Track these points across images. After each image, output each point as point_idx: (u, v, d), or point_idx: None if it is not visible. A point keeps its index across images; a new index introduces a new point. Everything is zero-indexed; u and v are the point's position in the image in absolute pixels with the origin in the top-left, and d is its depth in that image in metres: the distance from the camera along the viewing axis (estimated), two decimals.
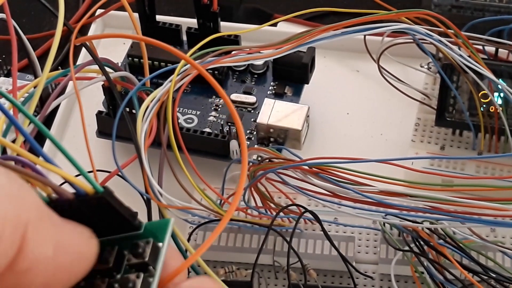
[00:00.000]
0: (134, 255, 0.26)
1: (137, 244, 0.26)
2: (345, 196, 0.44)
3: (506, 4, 0.61)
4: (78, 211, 0.25)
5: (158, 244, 0.26)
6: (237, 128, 0.28)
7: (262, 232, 0.48)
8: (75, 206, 0.25)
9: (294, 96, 0.57)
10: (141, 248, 0.26)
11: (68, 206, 0.25)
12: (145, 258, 0.26)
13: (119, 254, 0.26)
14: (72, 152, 0.62)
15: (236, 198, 0.26)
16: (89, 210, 0.25)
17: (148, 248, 0.26)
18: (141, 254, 0.26)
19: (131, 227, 0.27)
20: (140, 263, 0.26)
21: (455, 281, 0.44)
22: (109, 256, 0.26)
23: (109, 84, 0.47)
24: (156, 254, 0.26)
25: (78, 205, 0.25)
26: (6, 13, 0.39)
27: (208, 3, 0.55)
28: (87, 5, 0.68)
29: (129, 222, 0.26)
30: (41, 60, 0.59)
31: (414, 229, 0.45)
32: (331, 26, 0.50)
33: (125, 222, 0.26)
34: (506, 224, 0.44)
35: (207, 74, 0.28)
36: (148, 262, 0.26)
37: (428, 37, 0.50)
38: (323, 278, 0.48)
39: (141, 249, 0.26)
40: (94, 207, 0.25)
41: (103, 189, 0.25)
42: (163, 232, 0.26)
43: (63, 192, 0.25)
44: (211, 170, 0.52)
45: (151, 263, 0.26)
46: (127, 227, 0.26)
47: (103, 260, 0.26)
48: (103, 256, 0.26)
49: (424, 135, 0.55)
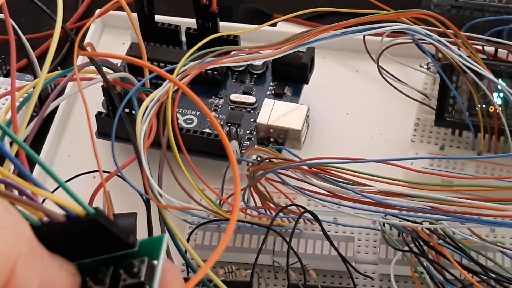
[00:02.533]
0: (129, 275, 0.26)
1: (132, 264, 0.26)
2: (344, 196, 0.44)
3: (506, 4, 0.61)
4: (71, 232, 0.25)
5: (153, 262, 0.26)
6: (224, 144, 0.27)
7: (262, 232, 0.48)
8: (67, 228, 0.25)
9: (293, 96, 0.57)
10: (136, 267, 0.26)
11: (60, 229, 0.25)
12: (140, 277, 0.26)
13: (114, 274, 0.26)
14: (72, 153, 0.63)
15: (234, 213, 0.26)
16: (82, 231, 0.25)
17: (143, 267, 0.26)
18: (136, 274, 0.26)
19: (124, 246, 0.26)
20: (136, 283, 0.26)
21: (454, 281, 0.44)
22: (104, 277, 0.26)
23: (107, 86, 0.47)
24: (152, 273, 0.26)
25: (70, 227, 0.25)
26: (5, 13, 0.38)
27: (207, 3, 0.55)
28: (86, 5, 0.68)
29: (123, 240, 0.26)
30: (41, 60, 0.59)
31: (414, 229, 0.45)
32: (330, 26, 0.50)
33: (118, 240, 0.26)
34: (505, 224, 0.44)
35: (187, 89, 0.28)
36: (144, 282, 0.26)
37: (428, 37, 0.50)
38: (322, 278, 0.48)
39: (136, 269, 0.26)
40: (87, 228, 0.25)
41: (94, 210, 0.25)
42: (158, 248, 0.26)
43: (54, 215, 0.25)
44: (211, 170, 0.52)
45: (147, 283, 0.26)
46: (121, 246, 0.26)
47: (99, 281, 0.26)
48: (99, 277, 0.26)
49: (423, 135, 0.55)
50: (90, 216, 0.25)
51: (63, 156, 0.57)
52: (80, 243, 0.26)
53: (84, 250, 0.26)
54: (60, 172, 0.55)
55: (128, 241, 0.26)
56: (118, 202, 0.47)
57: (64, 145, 0.58)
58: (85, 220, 0.25)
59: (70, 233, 0.25)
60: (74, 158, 0.57)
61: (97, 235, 0.26)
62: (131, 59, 0.38)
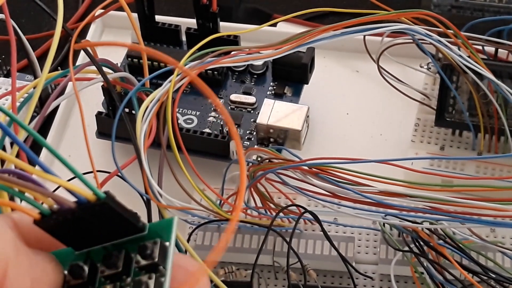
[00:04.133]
0: (143, 256, 0.26)
1: (145, 246, 0.26)
2: (344, 197, 0.44)
3: (506, 5, 0.61)
4: (81, 219, 0.25)
5: (165, 243, 0.26)
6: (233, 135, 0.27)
7: (262, 233, 0.48)
8: (78, 214, 0.25)
9: (293, 96, 0.57)
10: (149, 249, 0.26)
11: (70, 215, 0.25)
12: (154, 258, 0.26)
13: (127, 257, 0.26)
14: (72, 153, 0.63)
15: (236, 214, 0.26)
16: (92, 216, 0.25)
17: (156, 248, 0.26)
18: (150, 255, 0.26)
19: (135, 230, 0.26)
20: (150, 264, 0.26)
21: (454, 281, 0.44)
22: (117, 261, 0.26)
23: (108, 86, 0.47)
24: (164, 254, 0.26)
25: (80, 213, 0.25)
26: (5, 14, 0.39)
27: (208, 3, 0.55)
28: (87, 5, 0.68)
29: (133, 224, 0.26)
30: (41, 60, 0.59)
31: (414, 230, 0.45)
32: (330, 27, 0.50)
33: (129, 225, 0.26)
34: (505, 224, 0.44)
35: (199, 79, 0.28)
36: (158, 262, 0.26)
37: (428, 38, 0.50)
38: (323, 279, 0.48)
39: (150, 250, 0.26)
40: (97, 213, 0.25)
41: (105, 194, 0.25)
42: (168, 231, 0.26)
43: (64, 202, 0.25)
44: (211, 170, 0.52)
45: (161, 263, 0.26)
46: (131, 230, 0.26)
47: (111, 265, 0.26)
48: (111, 261, 0.26)
49: (424, 135, 0.55)
50: (101, 200, 0.25)
51: (63, 156, 0.57)
52: (90, 229, 0.26)
53: (93, 236, 0.26)
54: (60, 172, 0.55)
55: (139, 225, 0.26)
56: None
57: (65, 145, 0.58)
58: (96, 205, 0.25)
59: (80, 219, 0.25)
60: (75, 158, 0.57)
61: (108, 220, 0.26)
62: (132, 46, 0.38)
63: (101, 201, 0.25)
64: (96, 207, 0.25)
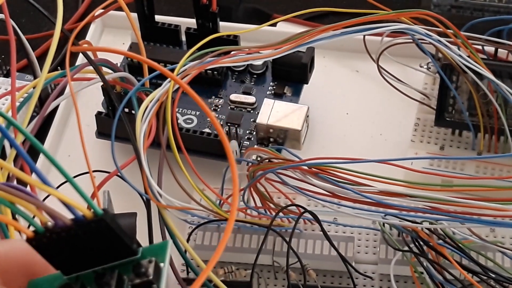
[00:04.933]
0: (137, 274, 0.25)
1: (140, 264, 0.26)
2: (344, 196, 0.44)
3: (506, 4, 0.61)
4: (76, 237, 0.25)
5: (159, 264, 0.26)
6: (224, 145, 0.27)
7: (262, 232, 0.48)
8: (73, 232, 0.25)
9: (293, 96, 0.57)
10: (144, 267, 0.25)
11: (65, 233, 0.24)
12: (149, 276, 0.25)
13: (119, 278, 0.26)
14: (72, 153, 0.62)
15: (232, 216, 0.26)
16: (87, 235, 0.25)
17: (151, 267, 0.25)
18: (144, 273, 0.25)
19: (128, 252, 0.26)
20: (145, 282, 0.25)
21: (454, 281, 0.44)
22: (110, 279, 0.25)
23: (106, 86, 0.47)
24: (159, 273, 0.26)
25: (76, 231, 0.25)
26: (5, 14, 0.39)
27: (207, 3, 0.55)
28: (86, 5, 0.68)
29: (128, 246, 0.26)
30: (41, 60, 0.59)
31: (414, 229, 0.45)
32: (330, 26, 0.50)
33: (123, 246, 0.26)
34: (505, 224, 0.44)
35: (189, 88, 0.28)
36: (152, 280, 0.25)
37: (428, 37, 0.50)
38: (322, 278, 0.48)
39: (144, 268, 0.25)
40: (93, 231, 0.25)
41: (103, 211, 0.25)
42: (163, 253, 0.26)
43: (60, 217, 0.24)
44: (211, 170, 0.52)
45: (155, 282, 0.25)
46: (124, 253, 0.26)
47: (104, 284, 0.25)
48: (104, 280, 0.25)
49: (423, 135, 0.55)
50: (98, 217, 0.24)
51: (63, 156, 0.57)
52: (83, 249, 0.25)
53: (85, 258, 0.26)
54: (59, 177, 0.55)
55: (132, 247, 0.26)
56: (118, 202, 0.47)
57: (64, 145, 0.58)
58: (92, 221, 0.24)
59: (75, 237, 0.25)
60: (74, 158, 0.57)
61: (102, 240, 0.25)
62: (130, 54, 0.38)
63: (98, 218, 0.24)
64: (92, 223, 0.24)
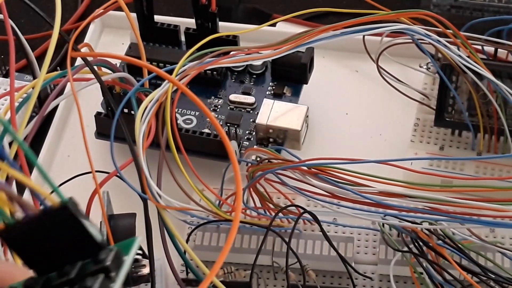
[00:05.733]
0: (95, 262, 0.25)
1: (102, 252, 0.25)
2: (344, 197, 0.44)
3: (505, 4, 0.61)
4: (43, 228, 0.25)
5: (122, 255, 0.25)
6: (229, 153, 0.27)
7: (261, 233, 0.48)
8: (41, 222, 0.24)
9: (293, 96, 0.57)
10: (103, 254, 0.25)
11: (34, 224, 0.24)
12: (106, 262, 0.25)
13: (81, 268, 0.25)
14: (71, 153, 0.62)
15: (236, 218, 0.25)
16: (53, 224, 0.25)
17: (110, 255, 0.25)
18: (103, 260, 0.25)
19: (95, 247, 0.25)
20: (101, 269, 0.25)
21: (454, 282, 0.44)
22: (71, 269, 0.25)
23: (102, 88, 0.47)
24: (119, 264, 0.25)
25: (43, 220, 0.24)
26: (4, 14, 0.38)
27: (207, 4, 0.55)
28: (86, 5, 0.68)
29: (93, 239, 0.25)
30: (40, 60, 0.59)
31: (413, 230, 0.45)
32: (330, 27, 0.50)
33: (89, 240, 0.25)
34: (505, 224, 0.44)
35: (188, 90, 0.28)
36: (109, 267, 0.25)
37: (427, 38, 0.50)
38: (322, 279, 0.48)
39: (104, 256, 0.25)
40: (59, 220, 0.25)
41: (68, 199, 0.25)
42: (129, 247, 0.26)
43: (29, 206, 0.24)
44: (210, 170, 0.52)
45: (113, 270, 0.25)
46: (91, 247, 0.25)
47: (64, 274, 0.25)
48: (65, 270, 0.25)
49: (423, 135, 0.55)
50: (63, 204, 0.24)
51: (62, 156, 0.57)
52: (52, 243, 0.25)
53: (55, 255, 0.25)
54: (59, 172, 0.55)
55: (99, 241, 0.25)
56: (117, 202, 0.47)
57: (64, 145, 0.58)
58: (57, 209, 0.24)
59: (42, 228, 0.25)
60: (74, 158, 0.57)
61: (69, 230, 0.25)
62: (127, 59, 0.38)
63: (62, 206, 0.24)
64: (58, 211, 0.24)
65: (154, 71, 0.31)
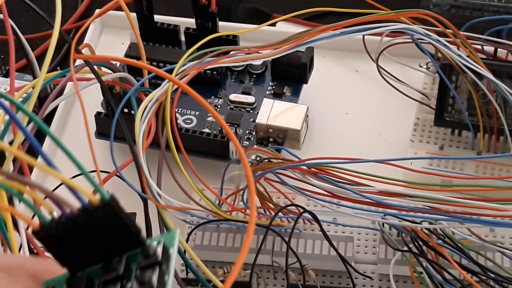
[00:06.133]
0: (145, 256, 0.25)
1: (149, 246, 0.25)
2: (344, 196, 0.44)
3: (505, 4, 0.61)
4: (82, 227, 0.24)
5: (168, 247, 0.25)
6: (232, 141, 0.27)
7: (261, 232, 0.48)
8: (79, 221, 0.24)
9: (293, 96, 0.57)
10: (152, 249, 0.25)
11: (72, 223, 0.24)
12: (158, 257, 0.25)
13: (127, 263, 0.25)
14: (71, 153, 0.62)
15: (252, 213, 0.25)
16: (94, 223, 0.24)
17: (159, 248, 0.25)
18: (153, 254, 0.25)
19: (135, 242, 0.25)
20: (153, 263, 0.25)
21: (453, 281, 0.44)
22: (118, 265, 0.25)
23: (103, 88, 0.47)
24: (167, 256, 0.25)
25: (82, 219, 0.24)
26: (4, 14, 0.39)
27: (206, 3, 0.55)
28: (86, 5, 0.68)
29: (135, 235, 0.25)
30: (40, 60, 0.59)
31: (413, 229, 0.45)
32: (330, 26, 0.50)
33: (130, 236, 0.25)
34: (505, 224, 0.44)
35: (189, 88, 0.28)
36: (161, 261, 0.25)
37: (427, 37, 0.50)
38: (322, 278, 0.48)
39: (153, 250, 0.25)
40: (100, 219, 0.24)
41: (110, 197, 0.24)
42: (172, 240, 0.26)
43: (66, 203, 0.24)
44: (210, 170, 0.52)
45: (164, 263, 0.25)
46: (131, 243, 0.25)
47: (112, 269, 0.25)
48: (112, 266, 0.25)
49: (423, 135, 0.55)
50: (105, 202, 0.24)
51: (62, 156, 0.57)
52: (89, 241, 0.25)
53: (92, 251, 0.25)
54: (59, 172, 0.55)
55: (140, 237, 0.25)
56: None
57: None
58: (99, 208, 0.24)
59: (81, 227, 0.24)
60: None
61: (109, 228, 0.25)
62: (128, 61, 0.38)
63: (105, 203, 0.24)
64: (99, 210, 0.24)
65: (154, 71, 0.31)
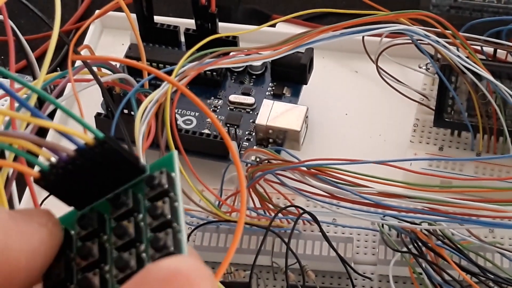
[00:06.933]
0: (151, 187, 0.25)
1: (152, 177, 0.25)
2: (343, 197, 0.44)
3: (505, 5, 0.61)
4: (81, 167, 0.24)
5: (171, 174, 0.25)
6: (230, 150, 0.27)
7: (261, 233, 0.48)
8: (78, 162, 0.24)
9: (292, 97, 0.57)
10: (157, 179, 0.25)
11: (71, 165, 0.24)
12: (164, 186, 0.25)
13: (135, 196, 0.25)
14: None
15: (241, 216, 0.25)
16: (93, 162, 0.24)
17: (163, 177, 0.25)
18: (159, 184, 0.25)
19: (136, 172, 0.26)
20: (161, 193, 0.25)
21: (453, 282, 0.44)
22: (126, 199, 0.25)
23: (102, 90, 0.47)
24: (172, 182, 0.25)
25: (81, 160, 0.24)
26: (4, 15, 0.38)
27: (206, 4, 0.55)
28: (86, 6, 0.68)
29: (134, 166, 0.25)
30: (40, 61, 0.59)
31: (413, 230, 0.45)
32: (329, 27, 0.50)
33: (130, 167, 0.25)
34: (504, 225, 0.44)
35: (187, 91, 0.28)
36: (168, 189, 0.25)
37: (426, 38, 0.50)
38: (321, 279, 0.48)
39: (158, 180, 0.25)
40: (98, 157, 0.24)
41: (104, 135, 0.24)
42: (171, 163, 0.26)
43: (62, 149, 0.24)
44: (210, 171, 0.52)
45: (172, 190, 0.25)
46: (132, 173, 0.25)
47: (121, 205, 0.25)
48: (120, 201, 0.25)
49: (422, 136, 0.55)
50: (101, 140, 0.24)
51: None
52: (91, 179, 0.25)
53: (95, 188, 0.25)
54: None
55: (139, 166, 0.25)
56: None
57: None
58: (95, 146, 0.24)
59: (81, 168, 0.24)
60: None
61: (108, 164, 0.25)
62: (128, 61, 0.38)
63: (100, 141, 0.24)
64: (96, 149, 0.24)
65: (153, 73, 0.31)
